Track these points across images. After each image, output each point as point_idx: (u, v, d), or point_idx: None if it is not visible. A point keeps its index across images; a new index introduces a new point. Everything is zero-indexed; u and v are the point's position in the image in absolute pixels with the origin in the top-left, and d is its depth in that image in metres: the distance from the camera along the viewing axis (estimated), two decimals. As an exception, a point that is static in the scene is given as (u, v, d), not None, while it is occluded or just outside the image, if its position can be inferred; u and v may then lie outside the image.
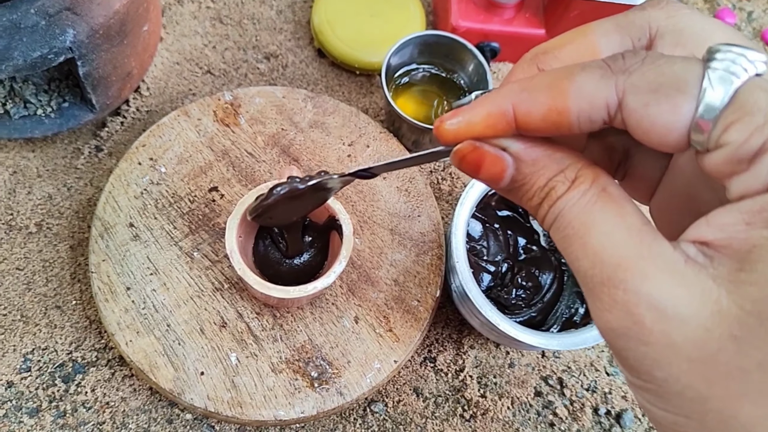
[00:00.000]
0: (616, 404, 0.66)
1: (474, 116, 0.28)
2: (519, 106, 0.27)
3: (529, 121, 0.27)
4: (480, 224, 0.68)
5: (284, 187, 0.47)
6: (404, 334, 0.60)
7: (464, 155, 0.29)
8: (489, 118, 0.28)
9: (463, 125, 0.28)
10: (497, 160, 0.28)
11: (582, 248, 0.26)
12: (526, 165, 0.28)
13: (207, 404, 0.55)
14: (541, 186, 0.28)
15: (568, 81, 0.25)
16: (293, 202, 0.48)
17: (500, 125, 0.27)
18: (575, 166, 0.27)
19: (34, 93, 0.65)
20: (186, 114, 0.66)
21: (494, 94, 0.28)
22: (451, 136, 0.29)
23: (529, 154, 0.28)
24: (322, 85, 0.78)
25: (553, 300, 0.67)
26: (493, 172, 0.29)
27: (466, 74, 0.72)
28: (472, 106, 0.29)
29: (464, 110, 0.29)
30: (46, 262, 0.64)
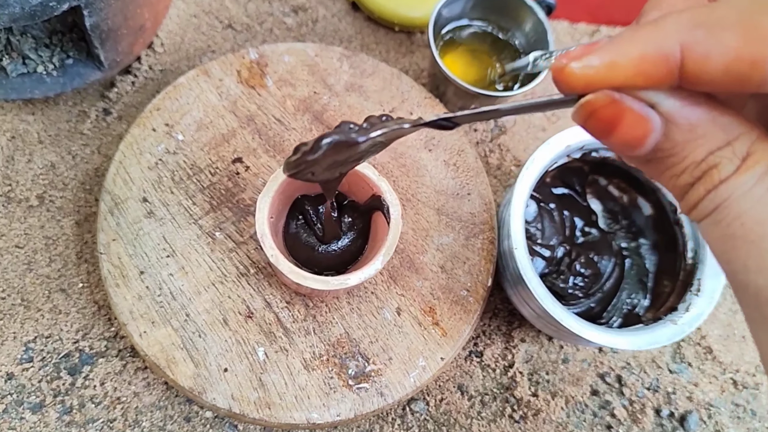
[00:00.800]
0: (680, 405, 0.60)
1: (620, 57, 0.21)
2: (692, 48, 0.20)
3: (704, 71, 0.20)
4: (534, 204, 0.61)
5: (336, 137, 0.36)
6: (452, 328, 0.53)
7: (596, 110, 0.23)
8: (643, 62, 0.21)
9: (601, 69, 0.22)
10: (641, 121, 0.22)
11: (756, 257, 0.20)
12: (679, 130, 0.22)
13: (231, 405, 0.49)
14: (697, 161, 0.22)
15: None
16: (343, 152, 0.37)
17: (658, 73, 0.21)
18: (748, 137, 0.21)
19: (34, 47, 0.58)
20: (206, 74, 0.59)
21: (652, 26, 0.21)
22: (581, 83, 0.22)
23: (686, 115, 0.22)
24: (356, 42, 0.70)
25: (614, 290, 0.60)
26: (632, 136, 0.23)
27: (523, 33, 0.63)
28: (616, 40, 0.22)
29: (603, 45, 0.22)
30: (48, 239, 0.58)
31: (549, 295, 0.50)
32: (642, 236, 0.62)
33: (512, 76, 0.63)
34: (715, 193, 0.22)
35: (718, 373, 0.62)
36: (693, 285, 0.54)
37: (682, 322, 0.52)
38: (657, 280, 0.60)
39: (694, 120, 0.22)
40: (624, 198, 0.63)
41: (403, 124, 0.34)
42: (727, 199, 0.21)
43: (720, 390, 0.61)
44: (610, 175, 0.62)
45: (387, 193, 0.47)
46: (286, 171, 0.41)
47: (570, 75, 0.22)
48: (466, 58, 0.65)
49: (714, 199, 0.22)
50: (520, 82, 0.63)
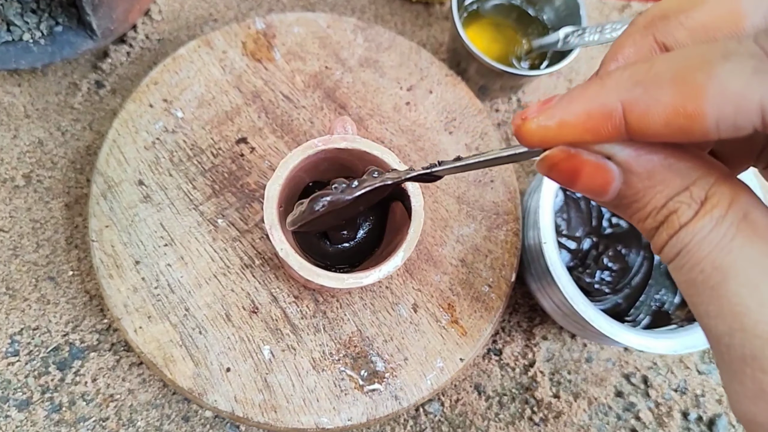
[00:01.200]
0: (708, 409, 0.57)
1: (568, 115, 0.22)
2: (632, 105, 0.21)
3: (645, 126, 0.21)
4: (560, 192, 0.56)
5: (326, 201, 0.39)
6: (472, 327, 0.49)
7: (555, 163, 0.24)
8: (589, 119, 0.22)
9: (553, 127, 0.23)
10: (599, 171, 0.23)
11: (716, 303, 0.21)
12: (638, 178, 0.23)
13: (234, 407, 0.45)
14: (657, 207, 0.23)
15: (703, 74, 0.19)
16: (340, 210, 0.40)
17: (604, 130, 0.22)
18: (705, 181, 0.22)
19: (20, 13, 0.53)
20: (208, 45, 0.54)
21: (596, 85, 0.22)
22: (536, 140, 0.23)
23: (642, 163, 0.23)
24: (370, 13, 0.65)
25: (642, 285, 0.57)
26: (594, 185, 0.23)
27: (552, 7, 0.59)
28: (565, 100, 0.23)
29: (554, 104, 0.23)
30: (36, 222, 0.53)
31: (580, 293, 0.46)
32: (673, 228, 0.58)
33: (540, 53, 0.58)
34: (676, 239, 0.22)
35: (749, 374, 0.58)
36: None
37: (720, 324, 0.48)
38: (688, 276, 0.56)
39: (650, 168, 0.22)
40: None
41: (386, 180, 0.37)
42: (688, 244, 0.22)
43: (750, 392, 0.58)
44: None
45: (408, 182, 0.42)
46: (289, 227, 0.42)
47: (527, 132, 0.23)
48: (490, 33, 0.60)
49: (676, 244, 0.22)
50: (549, 60, 0.58)
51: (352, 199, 0.38)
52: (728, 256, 0.21)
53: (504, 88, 0.59)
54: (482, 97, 0.61)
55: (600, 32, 0.51)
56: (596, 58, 0.67)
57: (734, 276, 0.20)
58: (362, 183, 0.38)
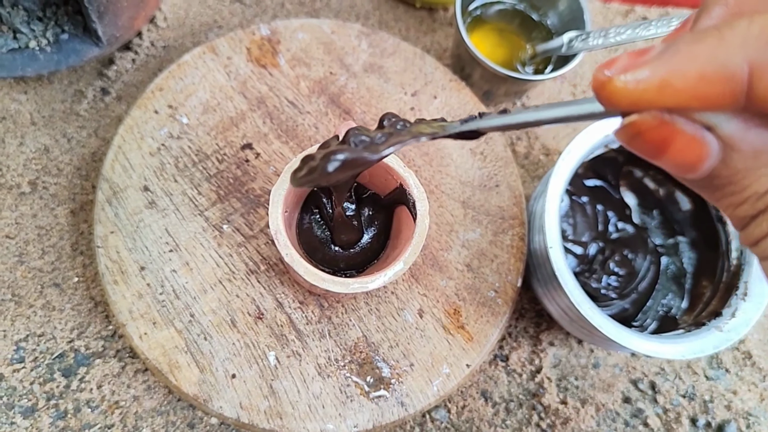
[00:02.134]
0: (717, 414, 0.56)
1: (676, 75, 0.18)
2: (764, 69, 0.17)
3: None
4: (566, 197, 0.56)
5: (347, 157, 0.31)
6: (479, 332, 0.49)
7: (642, 132, 0.20)
8: (702, 82, 0.18)
9: (652, 88, 0.18)
10: (694, 145, 0.19)
11: None
12: (741, 156, 0.20)
13: (240, 414, 0.45)
14: (760, 192, 0.20)
15: None
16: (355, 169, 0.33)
17: (720, 96, 0.18)
18: None
19: (26, 21, 0.53)
20: (213, 51, 0.54)
21: (714, 38, 0.18)
22: (626, 102, 0.19)
23: (750, 140, 0.19)
24: (374, 19, 0.65)
25: (649, 290, 0.56)
26: (684, 160, 0.20)
27: (556, 12, 0.59)
28: (670, 53, 0.18)
29: (655, 58, 0.18)
30: (41, 229, 0.53)
31: (587, 299, 0.46)
32: (680, 233, 0.57)
33: (544, 58, 0.58)
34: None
35: (758, 380, 0.58)
36: (738, 288, 0.50)
37: (728, 329, 0.48)
38: (695, 281, 0.56)
39: (759, 146, 0.19)
40: (660, 191, 0.58)
41: (419, 136, 0.29)
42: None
43: (759, 398, 0.57)
44: (647, 167, 0.58)
45: (413, 186, 0.42)
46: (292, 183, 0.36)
47: (614, 92, 0.19)
48: (494, 38, 0.60)
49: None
50: (553, 64, 0.58)
51: (378, 158, 0.30)
52: None
53: (508, 92, 0.59)
54: (487, 101, 0.61)
55: (604, 36, 0.51)
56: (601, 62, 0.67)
57: None
58: (389, 138, 0.31)
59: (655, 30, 0.47)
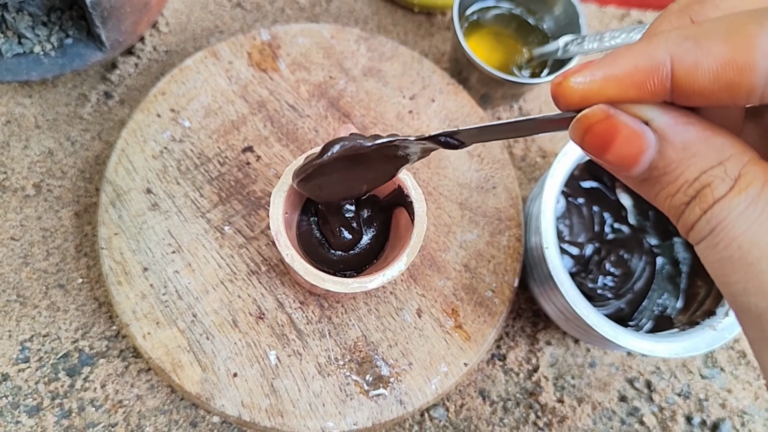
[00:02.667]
0: (712, 413, 0.57)
1: (615, 69, 0.22)
2: (681, 58, 0.20)
3: (693, 80, 0.20)
4: (562, 198, 0.57)
5: (344, 143, 0.36)
6: (476, 332, 0.50)
7: (591, 125, 0.23)
8: (636, 72, 0.21)
9: (596, 81, 0.22)
10: (635, 137, 0.22)
11: (755, 279, 0.21)
12: (673, 148, 0.22)
13: (241, 412, 0.45)
14: (690, 180, 0.22)
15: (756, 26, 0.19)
16: (353, 169, 0.38)
17: (650, 84, 0.21)
18: (740, 158, 0.22)
19: (31, 26, 0.54)
20: (214, 55, 0.55)
21: (643, 42, 0.22)
22: (576, 97, 0.23)
23: (679, 133, 0.22)
24: (373, 24, 0.66)
25: (644, 290, 0.57)
26: (627, 153, 0.23)
27: (552, 16, 0.59)
28: (610, 56, 0.22)
29: (598, 63, 0.23)
30: (46, 231, 0.54)
31: (582, 298, 0.47)
32: (675, 234, 0.58)
33: (540, 62, 0.59)
34: (710, 214, 0.21)
35: (753, 378, 0.59)
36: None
37: (722, 328, 0.48)
38: (690, 280, 0.57)
39: (687, 138, 0.22)
40: (655, 192, 0.59)
41: (409, 138, 0.34)
42: (723, 220, 0.21)
43: (754, 396, 0.58)
44: (642, 168, 0.58)
45: (411, 188, 0.43)
46: (295, 178, 0.40)
47: (567, 89, 0.23)
48: (491, 42, 0.61)
49: (710, 220, 0.22)
50: (549, 68, 0.59)
51: (372, 146, 0.35)
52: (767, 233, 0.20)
53: (505, 96, 0.60)
54: (484, 105, 0.61)
55: (599, 40, 0.52)
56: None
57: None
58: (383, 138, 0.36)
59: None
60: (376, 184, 0.42)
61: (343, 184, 0.40)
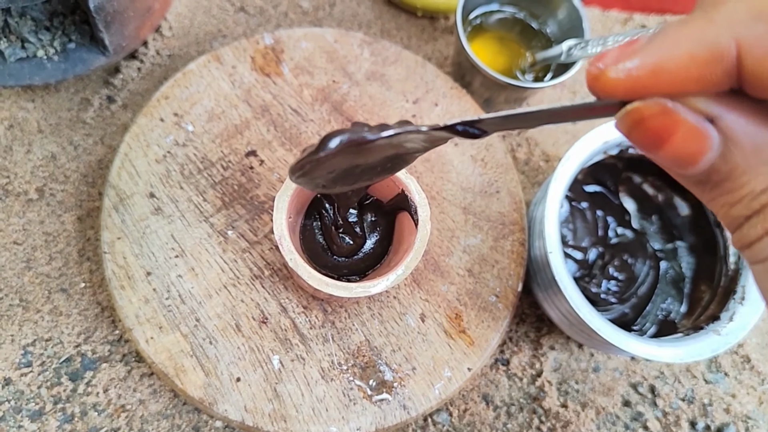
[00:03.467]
0: (716, 418, 0.56)
1: (667, 58, 0.18)
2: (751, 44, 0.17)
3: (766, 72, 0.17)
4: (566, 203, 0.57)
5: (343, 137, 0.30)
6: (480, 337, 0.50)
7: (644, 119, 0.19)
8: (693, 63, 0.18)
9: (645, 74, 0.18)
10: (696, 135, 0.19)
11: None
12: (741, 151, 0.19)
13: (244, 417, 0.45)
14: (756, 191, 0.19)
15: None
16: (356, 162, 0.33)
17: (712, 75, 0.17)
18: None
19: (34, 30, 0.54)
20: (218, 60, 0.55)
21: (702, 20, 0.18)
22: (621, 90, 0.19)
23: (750, 134, 0.18)
24: (376, 28, 0.66)
25: (648, 295, 0.57)
26: (685, 152, 0.19)
27: (556, 21, 0.59)
28: (659, 38, 0.18)
29: (645, 45, 0.19)
30: (48, 235, 0.54)
31: (586, 303, 0.47)
32: (678, 238, 0.58)
33: (543, 66, 0.59)
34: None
35: (757, 383, 0.58)
36: (736, 292, 0.51)
37: (726, 333, 0.48)
38: (694, 285, 0.56)
39: (759, 141, 0.19)
40: (659, 197, 0.59)
41: (420, 128, 0.29)
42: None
43: (758, 401, 0.58)
44: (646, 173, 0.58)
45: (415, 192, 0.43)
46: (292, 175, 0.35)
47: (608, 83, 0.19)
48: (494, 46, 0.61)
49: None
50: (552, 72, 0.59)
51: (377, 139, 0.30)
52: None
53: (508, 100, 0.60)
54: (487, 109, 0.61)
55: (603, 45, 0.52)
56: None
57: None
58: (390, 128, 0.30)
59: (652, 38, 0.47)
60: (385, 177, 0.37)
61: (346, 177, 0.35)
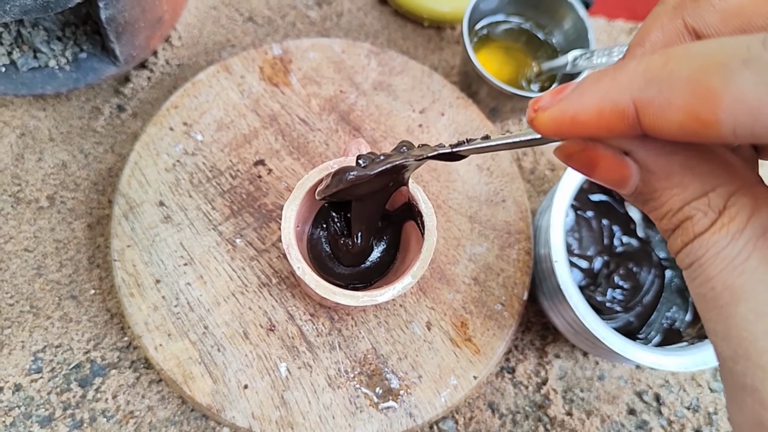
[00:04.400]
0: (722, 426, 0.56)
1: (581, 109, 0.21)
2: (645, 106, 0.19)
3: (659, 127, 0.19)
4: (572, 212, 0.57)
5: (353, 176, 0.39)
6: (485, 345, 0.50)
7: (571, 154, 0.24)
8: (601, 116, 0.20)
9: (566, 118, 0.21)
10: (617, 165, 0.22)
11: (723, 324, 0.20)
12: (655, 177, 0.22)
13: (252, 424, 0.46)
14: (673, 209, 0.22)
15: (720, 80, 0.17)
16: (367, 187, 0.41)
17: (617, 126, 0.20)
18: (726, 188, 0.21)
19: (46, 40, 0.55)
20: (227, 70, 0.56)
21: (609, 79, 0.20)
22: (550, 130, 0.22)
23: (660, 163, 0.22)
24: (383, 38, 0.66)
25: (653, 303, 0.57)
26: (612, 178, 0.23)
27: (561, 31, 0.60)
28: (577, 92, 0.21)
29: (567, 96, 0.22)
30: (59, 242, 0.55)
31: (591, 312, 0.47)
32: (683, 247, 0.58)
33: (549, 76, 0.60)
34: (690, 248, 0.21)
35: (762, 392, 0.58)
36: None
37: (731, 342, 0.48)
38: (699, 294, 0.56)
39: (669, 168, 0.21)
40: (664, 206, 0.59)
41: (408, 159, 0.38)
42: (701, 257, 0.21)
43: (764, 411, 0.58)
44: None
45: (422, 202, 0.43)
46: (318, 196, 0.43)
47: (540, 124, 0.22)
48: (500, 56, 0.61)
49: (690, 253, 0.21)
50: (558, 82, 0.59)
51: (373, 174, 0.39)
52: (741, 276, 0.19)
53: (514, 110, 0.60)
54: (493, 119, 0.62)
55: (608, 55, 0.52)
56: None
57: (744, 299, 0.19)
58: (387, 158, 0.39)
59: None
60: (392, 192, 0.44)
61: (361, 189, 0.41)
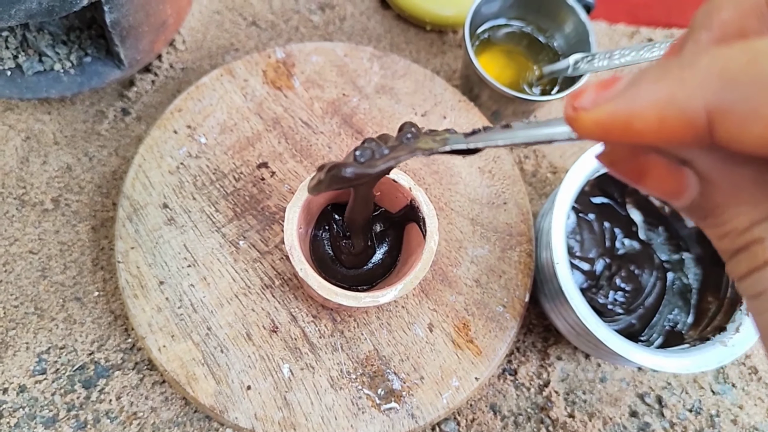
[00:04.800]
0: (724, 429, 0.57)
1: (636, 113, 0.16)
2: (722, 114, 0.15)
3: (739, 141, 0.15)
4: (573, 214, 0.57)
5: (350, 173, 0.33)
6: (487, 346, 0.50)
7: (617, 161, 0.20)
8: (663, 124, 0.16)
9: (617, 124, 0.17)
10: (670, 177, 0.19)
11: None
12: (719, 191, 0.18)
13: (254, 424, 0.46)
14: (739, 229, 0.18)
15: None
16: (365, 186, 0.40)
17: (683, 137, 0.16)
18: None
19: (51, 44, 0.55)
20: (230, 73, 0.56)
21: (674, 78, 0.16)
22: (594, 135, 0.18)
23: (727, 176, 0.18)
24: (386, 42, 0.67)
25: (655, 306, 0.57)
26: (664, 189, 0.19)
27: (563, 34, 0.60)
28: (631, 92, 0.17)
29: (618, 96, 0.17)
30: (63, 245, 0.55)
31: (592, 313, 0.47)
32: (685, 249, 0.58)
33: (550, 79, 0.60)
34: (759, 276, 0.18)
35: (764, 394, 0.58)
36: (743, 303, 0.51)
37: (732, 344, 0.48)
38: (701, 296, 0.57)
39: (737, 182, 0.18)
40: (666, 208, 0.59)
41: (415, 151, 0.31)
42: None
43: (766, 413, 0.58)
44: (652, 185, 0.59)
45: (423, 204, 0.44)
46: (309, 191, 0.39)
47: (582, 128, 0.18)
48: (502, 60, 0.61)
49: (758, 282, 0.18)
50: (559, 85, 0.60)
51: (375, 173, 0.33)
52: None
53: (516, 113, 0.61)
54: (495, 121, 0.62)
55: (609, 58, 0.52)
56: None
57: None
58: (393, 150, 0.33)
59: (659, 52, 0.48)
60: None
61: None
